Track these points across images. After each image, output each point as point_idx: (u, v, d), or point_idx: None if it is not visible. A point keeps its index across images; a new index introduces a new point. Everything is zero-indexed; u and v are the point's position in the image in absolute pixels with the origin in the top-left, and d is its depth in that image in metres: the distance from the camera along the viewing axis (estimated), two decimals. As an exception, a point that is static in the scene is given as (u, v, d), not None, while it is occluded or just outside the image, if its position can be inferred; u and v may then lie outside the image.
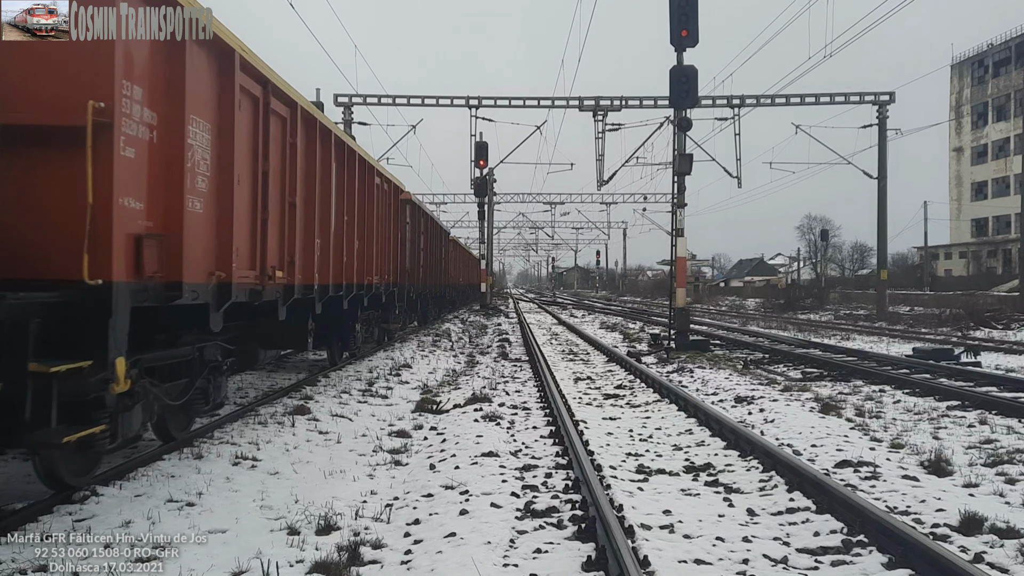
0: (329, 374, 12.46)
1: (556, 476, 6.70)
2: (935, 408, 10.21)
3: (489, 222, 42.60)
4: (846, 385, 12.54)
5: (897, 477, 6.66)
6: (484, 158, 34.52)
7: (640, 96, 32.04)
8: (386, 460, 7.36)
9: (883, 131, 33.18)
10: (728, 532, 5.26)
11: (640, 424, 9.45)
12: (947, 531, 5.27)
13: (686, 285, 20.43)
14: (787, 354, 17.06)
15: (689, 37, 17.32)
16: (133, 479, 6.12)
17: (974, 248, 68.45)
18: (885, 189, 33.82)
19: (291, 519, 5.36)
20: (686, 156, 19.17)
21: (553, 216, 68.86)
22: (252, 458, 6.91)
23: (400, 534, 5.21)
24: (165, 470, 6.37)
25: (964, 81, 71.22)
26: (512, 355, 17.95)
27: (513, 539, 5.04)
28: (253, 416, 8.83)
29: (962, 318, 28.43)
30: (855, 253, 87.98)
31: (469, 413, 9.68)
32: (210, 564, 4.50)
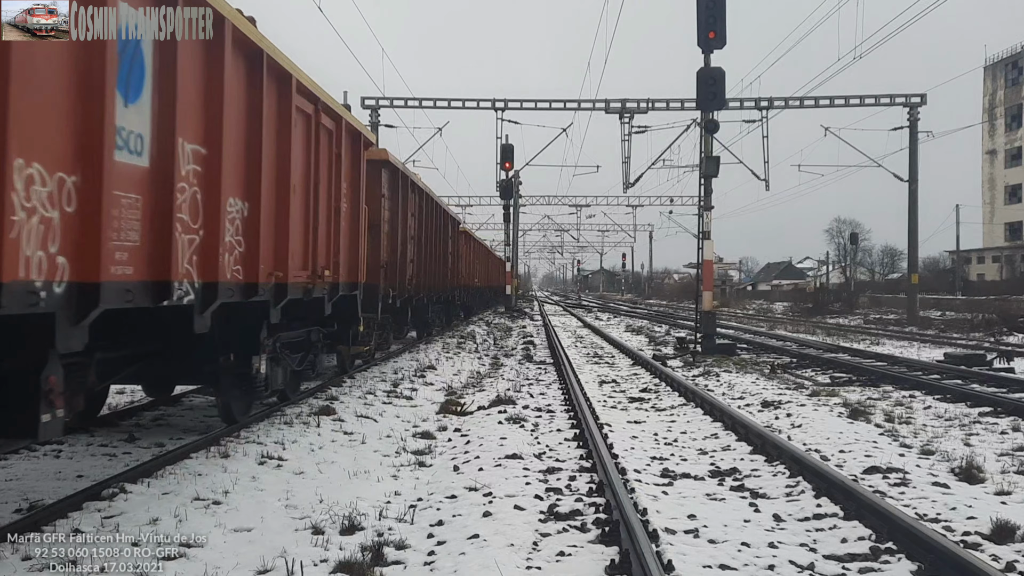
0: (355, 375, 12.52)
1: (580, 479, 6.67)
2: (966, 414, 10.05)
3: (515, 224, 42.65)
4: (875, 390, 12.38)
5: (927, 484, 6.56)
6: (510, 160, 34.57)
7: (667, 98, 31.91)
8: (410, 461, 7.38)
9: (914, 133, 32.79)
10: (754, 537, 5.21)
11: (665, 428, 9.40)
12: (978, 539, 5.18)
13: (713, 288, 20.31)
14: (815, 359, 16.89)
15: (717, 39, 17.23)
16: (161, 477, 6.19)
17: (1007, 252, 67.33)
18: (916, 192, 33.41)
19: (316, 519, 5.38)
20: (713, 159, 19.06)
21: (579, 218, 68.73)
22: (278, 458, 6.96)
23: (423, 535, 5.22)
24: (192, 468, 6.43)
25: (997, 83, 70.14)
26: (536, 357, 17.93)
27: (536, 542, 5.03)
28: (279, 416, 8.89)
29: (995, 323, 27.96)
30: (885, 257, 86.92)
31: (493, 415, 9.68)
32: (235, 562, 4.53)
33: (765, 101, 31.70)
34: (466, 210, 58.25)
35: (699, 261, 19.50)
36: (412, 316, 17.72)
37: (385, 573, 4.55)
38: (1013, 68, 68.61)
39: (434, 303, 20.90)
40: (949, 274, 65.99)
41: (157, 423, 8.79)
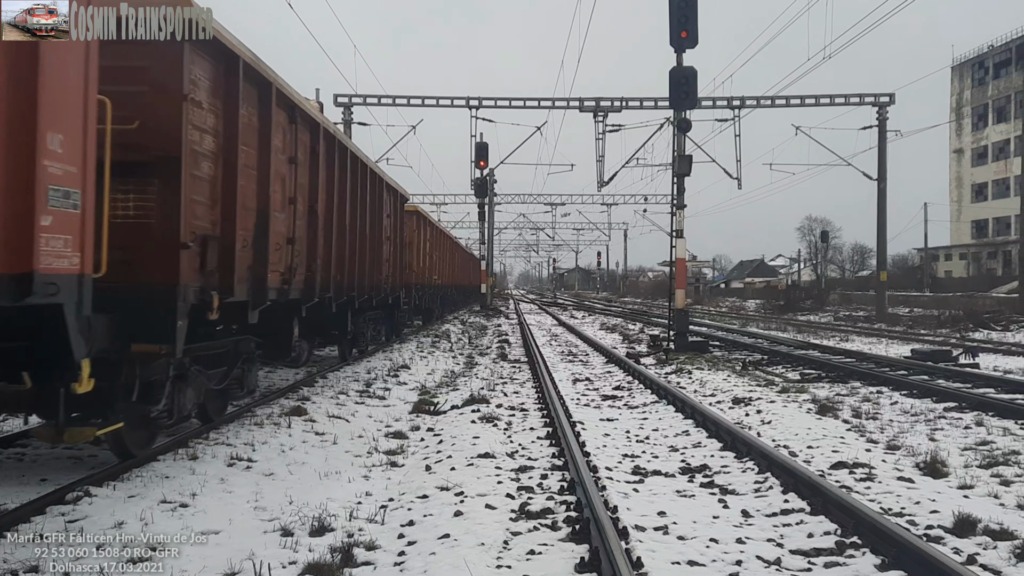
0: (327, 375, 12.45)
1: (552, 477, 6.69)
2: (932, 410, 10.20)
3: (489, 223, 42.65)
4: (844, 386, 12.53)
5: (892, 479, 6.65)
6: (484, 159, 34.56)
7: (640, 97, 32.08)
8: (382, 461, 7.36)
9: (883, 132, 33.22)
10: (722, 533, 5.25)
11: (637, 425, 9.45)
12: (941, 533, 5.26)
13: (686, 286, 20.43)
14: (786, 355, 17.05)
15: (688, 38, 17.32)
16: (127, 480, 6.12)
17: (974, 250, 68.42)
18: (885, 191, 33.85)
19: (285, 520, 5.35)
20: (686, 157, 19.18)
21: (554, 217, 68.82)
22: (247, 459, 6.91)
23: (394, 535, 5.21)
24: (159, 471, 6.37)
25: (964, 83, 71.19)
26: (511, 356, 17.95)
27: (507, 540, 5.04)
28: (249, 417, 8.83)
29: (961, 319, 28.41)
30: (855, 254, 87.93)
31: (466, 414, 9.67)
32: (202, 565, 4.50)
33: (737, 100, 31.95)
34: (440, 208, 58.16)
35: (672, 259, 19.61)
36: (341, 326, 13.02)
37: (355, 574, 4.54)
38: (980, 68, 69.67)
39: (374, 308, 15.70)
40: (917, 271, 66.95)
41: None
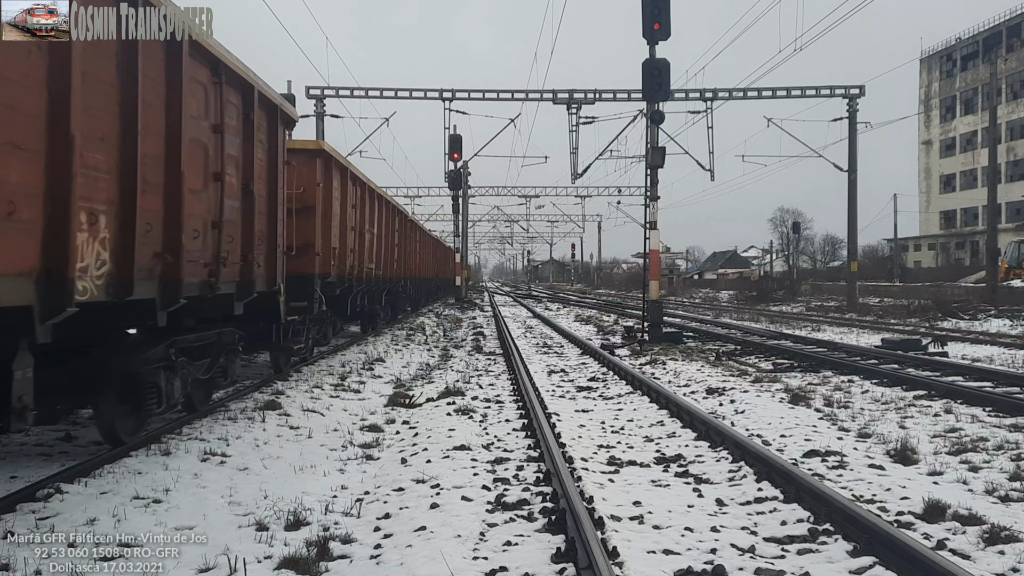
0: (301, 368, 12.38)
1: (528, 469, 6.71)
2: (902, 398, 10.34)
3: (464, 215, 42.55)
4: (816, 376, 12.67)
5: (864, 466, 6.75)
6: (458, 151, 34.42)
7: (613, 89, 32.08)
8: (357, 455, 7.33)
9: (853, 124, 33.52)
10: (697, 522, 5.30)
11: (612, 416, 9.49)
12: (911, 519, 5.35)
13: (660, 278, 20.53)
14: (759, 345, 17.21)
15: (661, 30, 17.38)
16: (99, 476, 6.05)
17: (943, 240, 69.40)
18: (855, 182, 34.18)
19: (260, 515, 5.32)
20: (659, 149, 19.25)
21: (528, 209, 68.90)
22: (221, 454, 6.85)
23: (370, 528, 5.20)
24: (132, 467, 6.30)
25: (933, 75, 72.09)
26: (486, 349, 17.95)
27: (483, 532, 5.05)
28: (223, 412, 8.75)
29: (930, 309, 28.82)
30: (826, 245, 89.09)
31: (442, 407, 9.66)
32: (176, 562, 4.46)
33: (710, 92, 32.06)
34: (415, 201, 57.94)
35: (646, 251, 19.70)
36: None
37: (331, 568, 4.53)
38: (947, 60, 70.58)
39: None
40: (887, 261, 67.78)
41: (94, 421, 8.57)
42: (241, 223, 8.46)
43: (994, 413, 9.13)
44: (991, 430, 8.19)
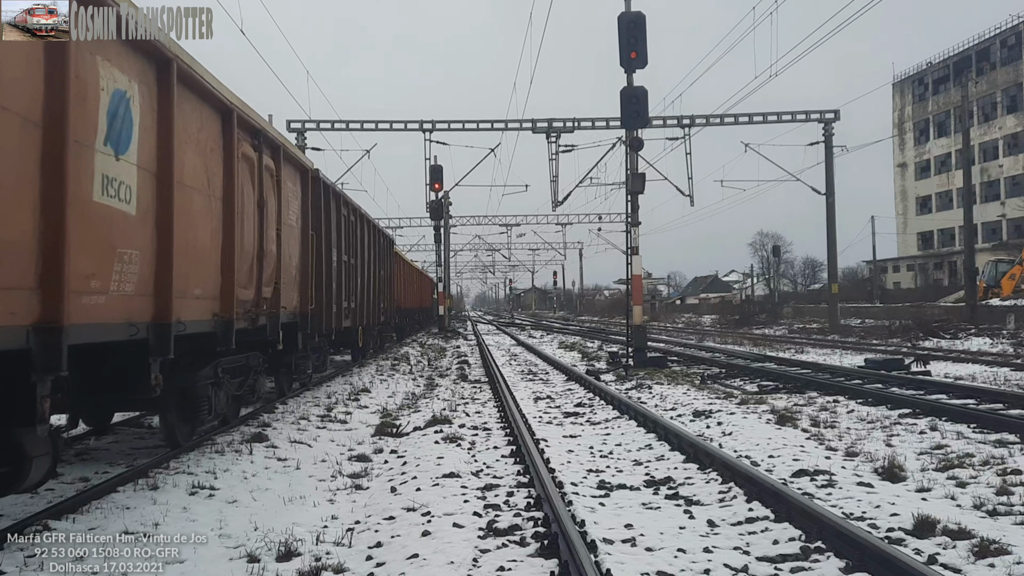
0: (287, 401, 12.31)
1: (518, 494, 6.70)
2: (887, 416, 10.42)
3: (446, 245, 42.63)
4: (801, 397, 12.74)
5: (852, 484, 6.79)
6: (439, 181, 34.63)
7: (592, 117, 32.48)
8: (346, 484, 7.29)
9: (829, 148, 34.03)
10: (689, 543, 5.31)
11: (600, 441, 9.50)
12: (902, 535, 5.38)
13: (643, 303, 20.64)
14: (743, 368, 17.28)
15: (638, 59, 17.64)
16: (87, 512, 5.97)
17: (921, 261, 70.19)
18: (833, 205, 34.62)
19: (251, 547, 5.28)
20: (639, 176, 19.44)
21: (509, 238, 69.13)
22: (209, 487, 6.80)
23: (362, 557, 5.17)
24: (120, 502, 6.23)
25: (905, 99, 73.35)
26: (472, 377, 17.92)
27: (476, 558, 5.03)
28: (210, 445, 8.68)
29: (911, 329, 29.09)
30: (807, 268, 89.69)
31: (430, 435, 9.63)
32: (168, 595, 4.41)
33: (687, 119, 32.49)
34: (397, 231, 57.99)
35: (628, 276, 19.81)
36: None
37: (324, 598, 4.49)
38: (919, 84, 71.86)
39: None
40: (867, 283, 68.39)
41: (81, 458, 8.48)
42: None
43: (979, 429, 9.22)
44: (977, 446, 8.28)
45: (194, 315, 7.52)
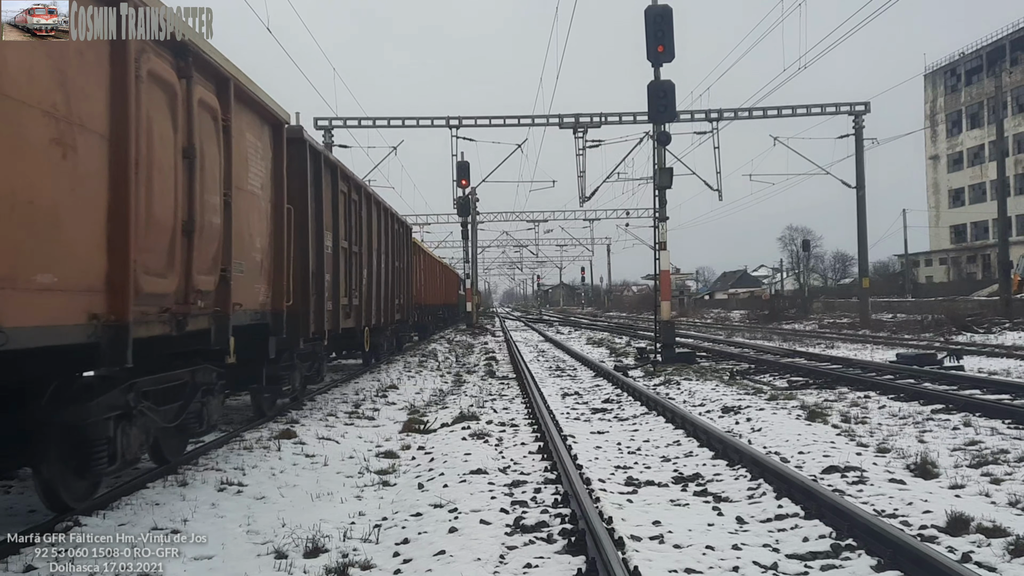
0: (315, 397, 12.39)
1: (545, 491, 6.68)
2: (920, 412, 10.27)
3: (473, 241, 42.67)
4: (831, 392, 12.60)
5: (884, 481, 6.69)
6: (466, 177, 34.64)
7: (619, 112, 32.31)
8: (374, 481, 7.31)
9: (859, 141, 33.58)
10: (718, 540, 5.26)
11: (628, 437, 9.45)
12: (935, 532, 5.29)
13: (671, 298, 20.51)
14: (773, 364, 17.13)
15: (665, 52, 17.50)
16: (117, 508, 6.05)
17: (954, 254, 69.13)
18: (864, 198, 34.17)
19: (278, 543, 5.31)
20: (666, 170, 19.31)
21: (537, 234, 69.08)
22: (238, 483, 6.85)
23: (389, 554, 5.18)
24: (149, 498, 6.30)
25: (937, 90, 72.20)
26: (499, 373, 17.92)
27: (503, 555, 5.02)
28: (238, 441, 8.76)
29: (944, 323, 28.67)
30: (837, 262, 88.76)
31: (457, 432, 9.64)
32: (197, 590, 4.45)
33: (715, 112, 32.22)
34: (424, 228, 58.16)
35: (656, 272, 19.69)
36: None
37: (351, 594, 4.51)
38: (952, 75, 70.70)
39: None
40: (899, 277, 67.52)
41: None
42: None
43: (1014, 425, 9.05)
44: (1011, 442, 8.12)
45: (40, 317, 4.58)
